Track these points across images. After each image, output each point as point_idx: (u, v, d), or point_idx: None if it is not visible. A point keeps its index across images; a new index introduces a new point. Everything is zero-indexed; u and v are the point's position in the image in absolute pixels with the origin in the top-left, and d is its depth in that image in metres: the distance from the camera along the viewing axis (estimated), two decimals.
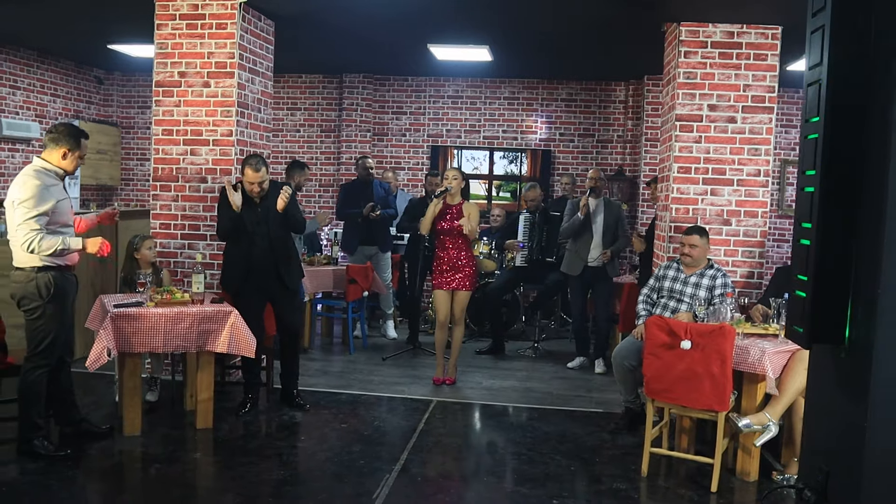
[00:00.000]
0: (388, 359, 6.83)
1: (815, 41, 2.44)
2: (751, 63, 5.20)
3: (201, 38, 5.68)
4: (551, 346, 7.61)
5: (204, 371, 4.74)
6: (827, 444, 2.52)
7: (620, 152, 9.35)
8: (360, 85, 9.53)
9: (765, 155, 5.27)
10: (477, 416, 5.40)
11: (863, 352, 2.24)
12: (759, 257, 5.35)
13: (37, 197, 3.92)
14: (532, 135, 9.51)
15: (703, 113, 5.27)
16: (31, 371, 4.08)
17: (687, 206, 5.34)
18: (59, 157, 4.08)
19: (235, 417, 5.03)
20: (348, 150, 9.56)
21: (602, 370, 6.63)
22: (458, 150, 9.71)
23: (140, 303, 4.59)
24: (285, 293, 5.17)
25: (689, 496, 4.05)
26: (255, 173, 4.89)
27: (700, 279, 4.90)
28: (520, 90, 9.49)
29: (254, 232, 4.93)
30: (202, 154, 5.75)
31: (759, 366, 4.04)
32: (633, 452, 4.70)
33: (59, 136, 4.08)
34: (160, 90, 5.76)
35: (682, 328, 4.09)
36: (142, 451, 4.39)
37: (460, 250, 5.92)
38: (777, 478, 4.23)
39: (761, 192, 5.29)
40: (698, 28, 5.22)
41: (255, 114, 6.01)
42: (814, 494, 2.49)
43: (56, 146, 4.07)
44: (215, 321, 4.64)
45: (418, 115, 9.66)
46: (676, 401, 4.18)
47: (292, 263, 5.15)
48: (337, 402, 5.52)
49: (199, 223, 5.77)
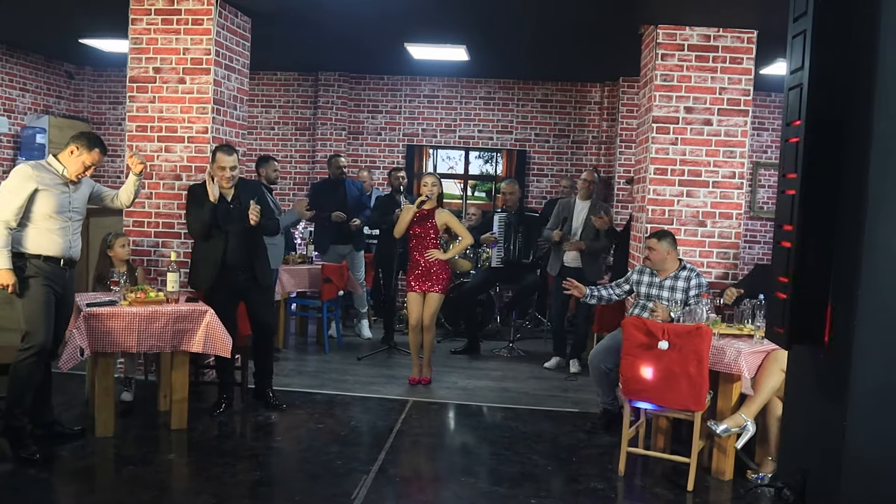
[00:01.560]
0: (363, 358, 6.80)
1: (796, 46, 2.46)
2: (727, 66, 5.26)
3: (177, 33, 5.60)
4: (526, 345, 7.63)
5: (178, 371, 4.68)
6: (806, 444, 2.55)
7: (595, 153, 9.40)
8: (336, 83, 9.48)
9: (739, 157, 5.33)
10: (453, 416, 5.39)
11: (843, 353, 2.27)
12: (733, 258, 5.41)
13: (9, 186, 4.04)
14: (508, 135, 9.52)
15: (680, 115, 5.32)
16: (18, 361, 4.05)
17: (663, 208, 5.39)
18: (67, 155, 4.17)
19: (210, 418, 4.97)
20: (323, 148, 9.49)
21: (577, 370, 6.66)
22: (433, 150, 9.70)
23: (113, 302, 4.52)
24: (259, 290, 5.12)
25: (666, 495, 4.09)
26: (228, 157, 4.86)
27: (675, 281, 4.94)
28: (496, 90, 9.51)
29: (227, 229, 4.87)
30: (177, 151, 5.67)
31: (735, 366, 4.09)
32: (609, 452, 4.73)
33: (78, 136, 4.23)
34: (134, 86, 5.67)
35: (660, 329, 4.12)
36: (115, 453, 4.32)
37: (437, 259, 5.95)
38: (752, 476, 4.28)
39: (736, 194, 5.35)
40: (675, 31, 5.26)
41: (230, 111, 5.94)
42: (793, 494, 2.52)
43: (71, 143, 4.19)
44: (190, 320, 4.58)
45: (394, 113, 9.63)
46: (653, 400, 4.22)
47: (265, 260, 5.11)
48: (312, 401, 5.49)
49: (174, 221, 5.69)
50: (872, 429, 2.22)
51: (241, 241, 4.92)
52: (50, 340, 4.10)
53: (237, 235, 4.90)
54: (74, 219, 4.28)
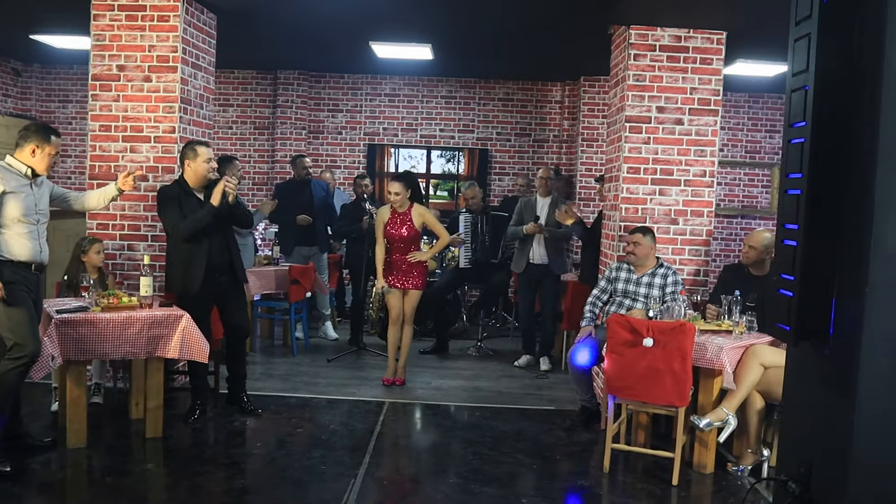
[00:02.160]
0: (332, 360, 6.72)
1: (798, 49, 2.51)
2: (697, 67, 5.36)
3: (142, 30, 5.44)
4: (494, 344, 7.64)
5: (153, 377, 4.54)
6: (808, 438, 2.60)
7: (557, 152, 9.49)
8: (296, 82, 9.34)
9: (710, 156, 5.44)
10: (432, 417, 5.36)
11: (850, 348, 2.32)
12: (704, 255, 5.51)
13: None
14: (469, 134, 9.53)
15: (652, 115, 5.39)
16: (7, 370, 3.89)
17: (636, 206, 5.45)
18: (28, 155, 3.99)
19: (185, 425, 4.84)
20: (283, 147, 9.36)
21: (548, 367, 6.71)
22: (395, 149, 9.65)
23: (84, 308, 4.36)
24: (235, 292, 5.02)
25: (651, 490, 4.14)
26: (208, 148, 4.82)
27: (652, 278, 5.01)
28: (457, 89, 9.50)
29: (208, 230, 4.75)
30: (143, 151, 5.50)
31: (718, 361, 4.17)
32: (590, 449, 4.78)
33: (27, 132, 4.02)
34: (97, 84, 5.48)
35: (644, 326, 4.18)
36: (89, 464, 4.17)
37: (407, 253, 5.91)
38: (732, 469, 4.37)
39: (707, 192, 5.46)
40: (647, 31, 5.33)
41: (197, 110, 5.80)
42: (798, 486, 2.57)
43: (25, 143, 3.99)
44: (165, 326, 4.45)
45: (355, 112, 9.55)
46: (638, 397, 4.27)
47: (241, 259, 5.02)
48: (287, 405, 5.39)
49: (140, 223, 5.53)
50: (880, 421, 2.28)
51: (223, 241, 4.82)
52: (39, 348, 3.93)
53: (218, 235, 4.79)
54: (41, 221, 4.13)
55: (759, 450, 4.35)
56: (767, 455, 4.37)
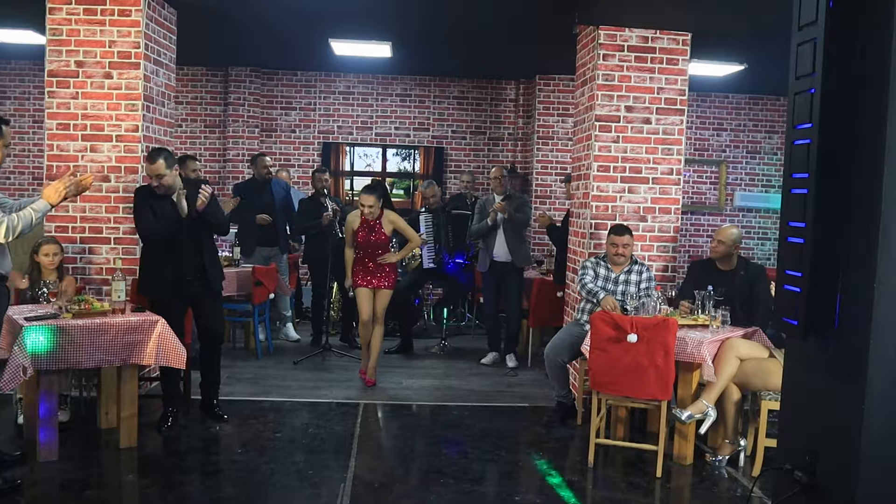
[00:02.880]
0: (299, 363, 6.62)
1: (802, 53, 2.59)
2: (664, 67, 5.48)
3: (101, 24, 5.24)
4: (456, 342, 7.66)
5: (127, 385, 4.39)
6: (812, 428, 2.69)
7: (512, 150, 9.56)
8: (248, 79, 9.15)
9: (677, 154, 5.57)
10: (410, 418, 5.34)
11: (858, 340, 2.41)
12: (672, 251, 5.65)
13: None
14: (425, 132, 9.52)
15: (621, 114, 5.49)
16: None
17: (606, 204, 5.55)
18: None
19: (158, 433, 4.70)
20: (235, 146, 9.16)
21: (514, 364, 6.76)
22: (350, 147, 9.56)
23: (55, 315, 4.17)
24: (210, 296, 4.89)
25: (637, 482, 4.23)
26: (150, 164, 4.53)
27: (628, 275, 5.11)
28: (412, 87, 9.47)
29: (179, 234, 4.61)
30: (104, 151, 5.31)
31: (699, 355, 4.28)
32: (570, 444, 4.85)
33: None
34: (54, 80, 5.26)
35: (628, 322, 4.26)
36: (65, 478, 3.99)
37: (377, 256, 5.89)
38: (710, 460, 4.50)
39: (674, 189, 5.59)
40: (616, 32, 5.42)
41: (159, 108, 5.63)
42: (805, 475, 2.66)
43: None
44: (140, 332, 4.31)
45: (308, 110, 9.41)
46: (622, 392, 4.35)
47: (216, 264, 4.89)
48: (261, 410, 5.29)
49: (102, 225, 5.33)
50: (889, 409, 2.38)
51: (194, 247, 4.67)
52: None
53: (190, 241, 4.64)
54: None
55: (735, 440, 4.49)
56: (744, 445, 4.51)
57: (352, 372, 6.37)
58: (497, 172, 6.72)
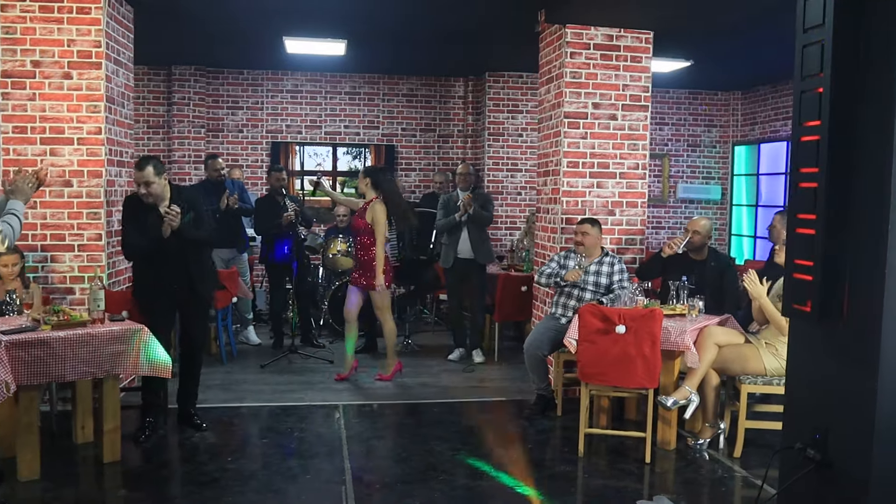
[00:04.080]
0: (266, 366, 6.52)
1: (809, 54, 2.73)
2: (628, 65, 5.64)
3: (59, 22, 5.02)
4: (417, 339, 7.67)
5: (110, 397, 4.25)
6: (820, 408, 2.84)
7: (462, 146, 9.63)
8: (192, 78, 8.91)
9: (642, 150, 5.75)
10: (393, 416, 5.33)
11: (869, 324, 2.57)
12: (639, 244, 5.82)
13: None
14: (375, 130, 9.48)
15: (588, 111, 5.62)
16: None
17: (576, 199, 5.67)
18: None
19: (136, 445, 4.55)
20: (181, 147, 8.91)
21: (481, 360, 6.83)
22: (299, 147, 9.43)
23: (32, 327, 3.99)
24: (196, 303, 4.78)
25: (629, 469, 4.36)
26: (138, 172, 4.44)
27: (599, 267, 5.25)
28: (361, 85, 9.42)
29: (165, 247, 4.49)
30: (65, 154, 5.10)
31: (682, 343, 4.44)
32: (555, 435, 4.95)
33: None
34: (9, 81, 5.01)
35: (616, 314, 4.38)
36: (53, 497, 3.82)
37: (368, 249, 5.88)
38: (692, 444, 4.68)
39: (640, 184, 5.77)
40: (582, 31, 5.54)
41: (119, 109, 5.44)
42: (818, 453, 2.81)
43: None
44: (124, 341, 4.17)
45: (256, 109, 9.24)
46: (610, 382, 4.47)
47: (206, 273, 4.78)
48: (239, 416, 5.21)
49: (65, 232, 5.12)
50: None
51: (180, 263, 4.58)
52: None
53: (176, 257, 4.54)
54: None
55: (715, 423, 4.68)
56: (723, 427, 4.71)
57: (321, 374, 6.32)
58: (464, 169, 6.77)
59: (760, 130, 9.58)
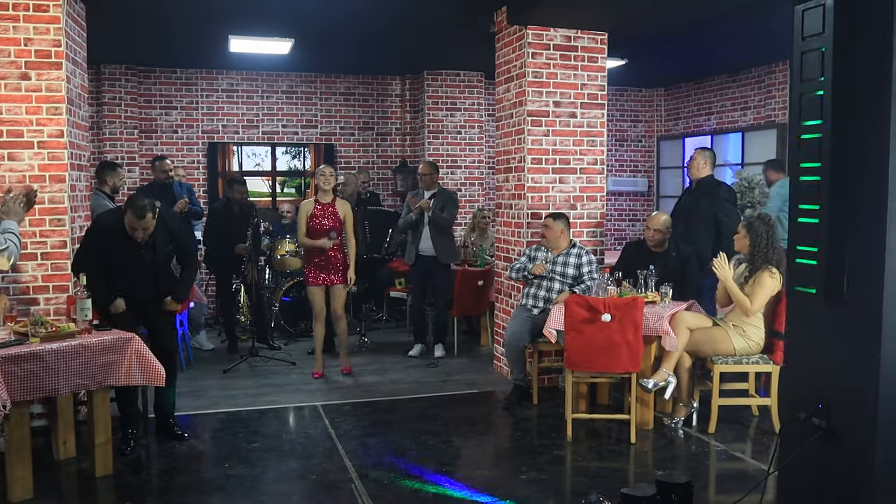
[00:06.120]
0: (229, 371, 6.42)
1: (808, 60, 3.00)
2: (586, 64, 5.87)
3: (15, 20, 4.78)
4: (372, 337, 7.70)
5: (100, 409, 4.12)
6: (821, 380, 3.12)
7: (400, 144, 9.69)
8: (123, 77, 8.59)
9: (600, 146, 6.00)
10: (377, 414, 5.33)
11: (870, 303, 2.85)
12: (600, 236, 6.09)
13: None
14: (313, 129, 9.42)
15: (550, 109, 5.82)
16: None
17: (540, 195, 5.87)
18: None
19: (122, 457, 4.43)
20: (113, 148, 8.58)
21: (442, 354, 6.94)
22: (237, 147, 9.26)
23: (19, 341, 3.83)
24: (163, 313, 4.70)
25: (616, 449, 4.59)
26: (138, 219, 4.35)
27: (567, 258, 5.47)
28: (297, 84, 9.33)
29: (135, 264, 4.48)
30: (24, 159, 4.86)
31: (661, 329, 4.71)
32: (538, 423, 5.13)
33: None
34: None
35: (601, 303, 4.59)
36: None
37: (336, 250, 5.90)
38: (668, 423, 4.97)
39: (598, 178, 6.03)
40: (542, 32, 5.74)
41: (77, 110, 5.23)
42: (823, 420, 3.08)
43: None
44: (115, 351, 4.05)
45: (190, 109, 9.00)
46: (596, 368, 4.69)
47: (174, 285, 4.75)
48: (221, 422, 5.12)
49: (27, 240, 4.87)
50: None
51: (148, 278, 4.58)
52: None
53: (147, 268, 4.54)
54: None
55: (689, 402, 4.98)
56: (696, 406, 5.02)
57: (286, 375, 6.29)
58: (423, 169, 6.85)
59: (684, 125, 10.11)
